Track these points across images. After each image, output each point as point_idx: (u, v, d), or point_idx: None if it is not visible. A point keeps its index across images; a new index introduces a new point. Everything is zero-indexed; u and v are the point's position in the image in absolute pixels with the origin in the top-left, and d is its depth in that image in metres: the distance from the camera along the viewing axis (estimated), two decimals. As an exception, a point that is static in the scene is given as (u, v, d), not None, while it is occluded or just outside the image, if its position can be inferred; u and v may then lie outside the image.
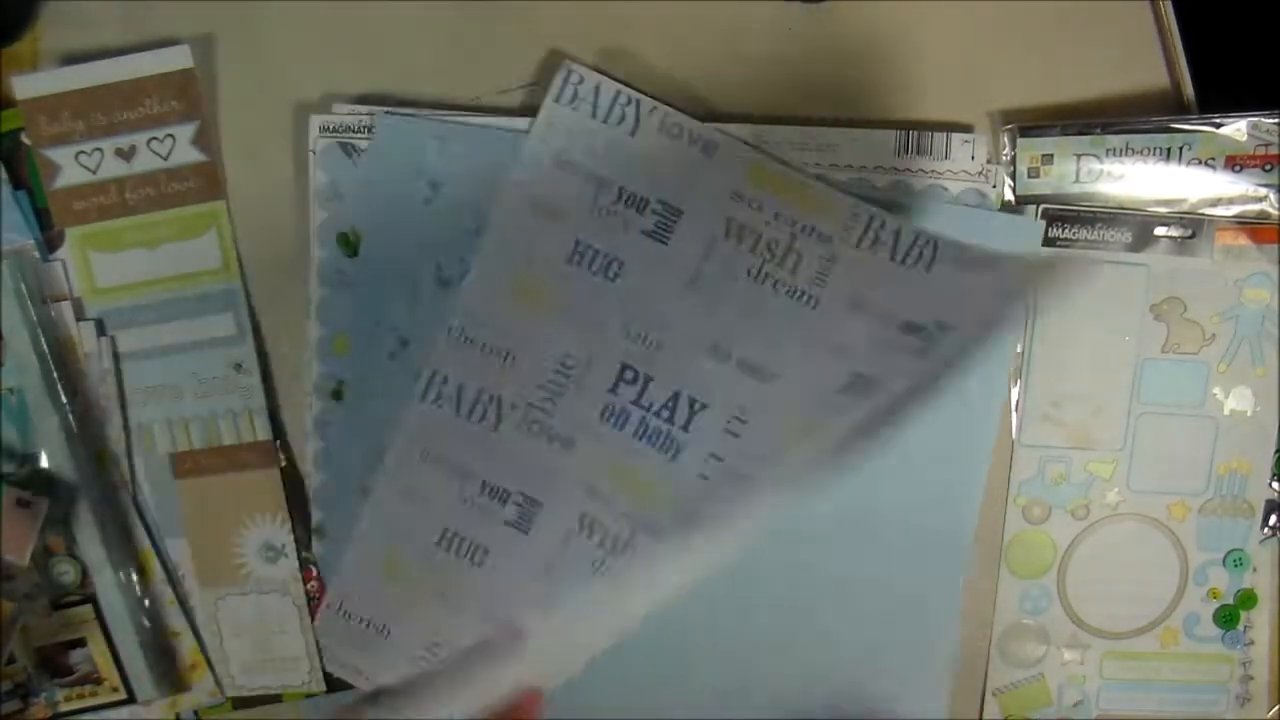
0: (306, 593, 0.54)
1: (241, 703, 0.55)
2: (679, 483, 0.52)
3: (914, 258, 0.51)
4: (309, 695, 0.55)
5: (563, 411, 0.52)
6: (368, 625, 0.54)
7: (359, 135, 0.52)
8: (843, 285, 0.51)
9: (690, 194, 0.52)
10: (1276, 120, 0.52)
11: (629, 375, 0.52)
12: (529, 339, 0.52)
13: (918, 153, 0.52)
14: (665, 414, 0.52)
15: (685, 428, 0.52)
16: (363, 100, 0.53)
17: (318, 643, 0.54)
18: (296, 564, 0.54)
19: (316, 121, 0.52)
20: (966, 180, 0.53)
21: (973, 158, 0.53)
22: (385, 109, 0.52)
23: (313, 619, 0.54)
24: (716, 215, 0.51)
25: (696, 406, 0.52)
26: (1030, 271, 0.50)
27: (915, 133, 0.52)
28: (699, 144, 0.52)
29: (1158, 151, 0.53)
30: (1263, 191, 0.53)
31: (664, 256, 0.52)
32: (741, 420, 0.52)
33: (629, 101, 0.52)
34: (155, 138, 0.52)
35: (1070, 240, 0.53)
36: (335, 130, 0.52)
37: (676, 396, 0.52)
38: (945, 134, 0.52)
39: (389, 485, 0.53)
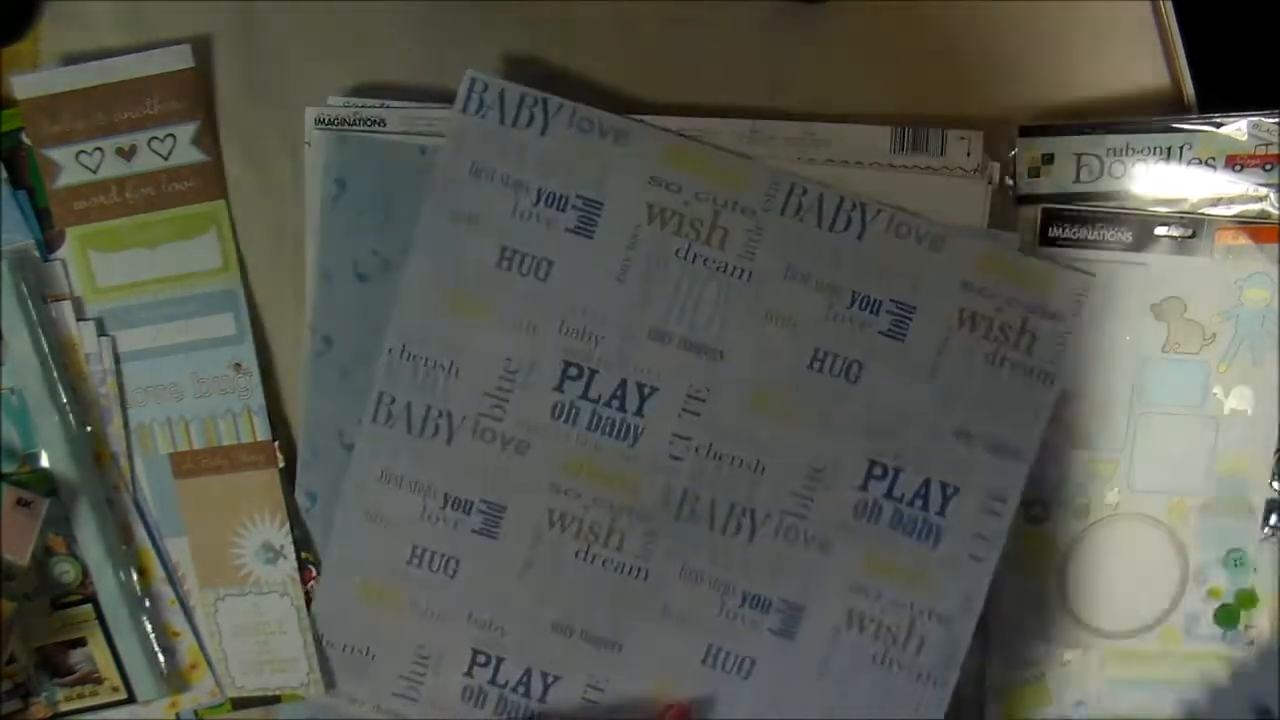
0: (305, 594, 0.54)
1: (241, 703, 0.55)
2: (646, 465, 0.53)
3: (843, 224, 0.52)
4: (308, 696, 0.55)
5: (512, 416, 0.53)
6: (352, 651, 0.54)
7: (355, 127, 0.52)
8: (773, 255, 0.52)
9: (608, 185, 0.52)
10: (1276, 120, 0.52)
11: (573, 371, 0.52)
12: (469, 349, 0.52)
13: (913, 149, 0.53)
14: (615, 403, 0.52)
15: (639, 413, 0.52)
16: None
17: (316, 643, 0.54)
18: (295, 565, 0.54)
19: (311, 113, 0.52)
20: (962, 177, 0.53)
21: (968, 154, 0.53)
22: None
23: (311, 620, 0.54)
24: (637, 202, 0.52)
25: (646, 391, 0.52)
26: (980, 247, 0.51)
27: (910, 129, 0.52)
28: (610, 135, 0.52)
29: (1158, 151, 0.53)
30: (1263, 191, 0.53)
31: (591, 250, 0.52)
32: (698, 399, 0.52)
33: (536, 102, 0.52)
34: (156, 137, 0.52)
35: (1070, 240, 0.53)
36: (330, 123, 0.52)
37: (624, 385, 0.52)
38: (940, 130, 0.52)
39: (352, 511, 0.53)
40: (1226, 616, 0.56)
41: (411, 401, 0.53)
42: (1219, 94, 0.54)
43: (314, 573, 0.55)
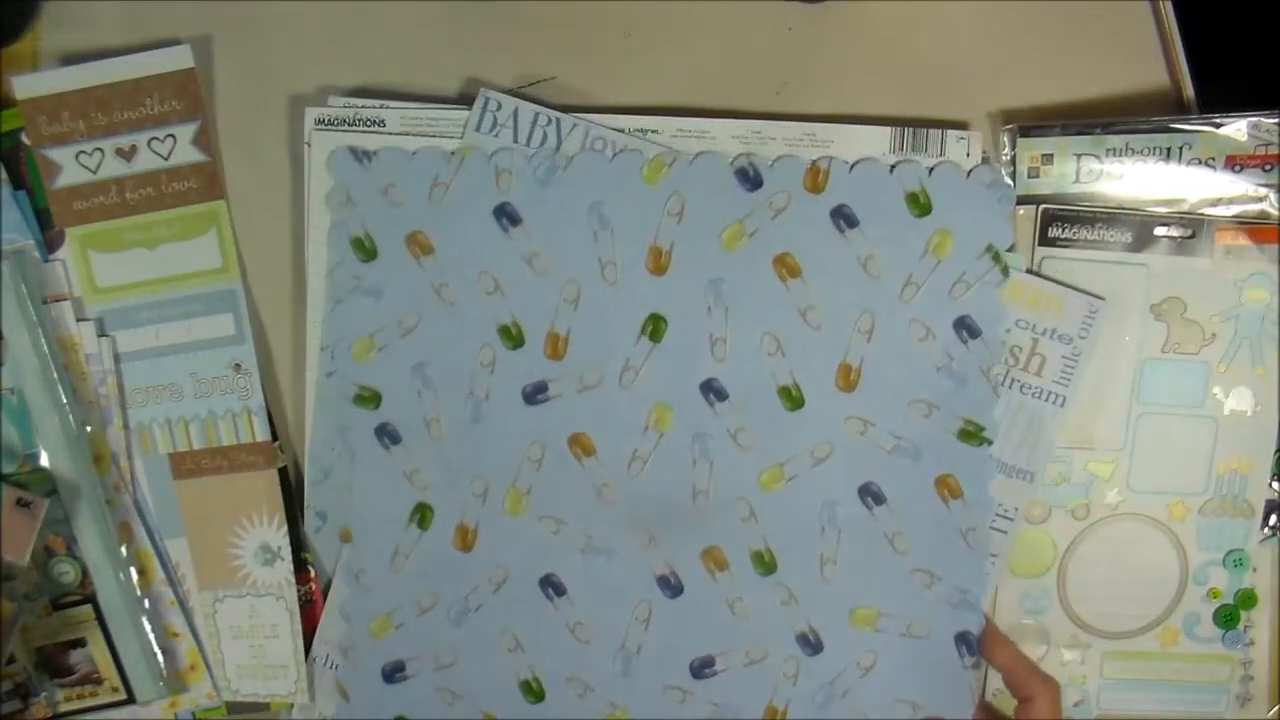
0: (301, 597, 0.54)
1: (236, 707, 0.55)
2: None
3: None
4: (294, 704, 0.55)
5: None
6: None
7: (354, 128, 0.52)
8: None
9: None
10: (1276, 120, 0.52)
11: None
12: None
13: (913, 149, 0.52)
14: None
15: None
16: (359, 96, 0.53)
17: (307, 650, 0.54)
18: (292, 567, 0.54)
19: (312, 114, 0.52)
20: (964, 178, 0.53)
21: (968, 154, 0.53)
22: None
23: (305, 624, 0.54)
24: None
25: None
26: None
27: (910, 129, 0.52)
28: (622, 155, 0.52)
29: (1158, 151, 0.53)
30: (1263, 191, 0.53)
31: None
32: None
33: (549, 121, 0.52)
34: (156, 137, 0.52)
35: (1070, 240, 0.53)
36: (331, 123, 0.52)
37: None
38: (940, 130, 0.52)
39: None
40: (1226, 616, 0.56)
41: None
42: (1219, 94, 0.54)
43: (312, 573, 0.55)
